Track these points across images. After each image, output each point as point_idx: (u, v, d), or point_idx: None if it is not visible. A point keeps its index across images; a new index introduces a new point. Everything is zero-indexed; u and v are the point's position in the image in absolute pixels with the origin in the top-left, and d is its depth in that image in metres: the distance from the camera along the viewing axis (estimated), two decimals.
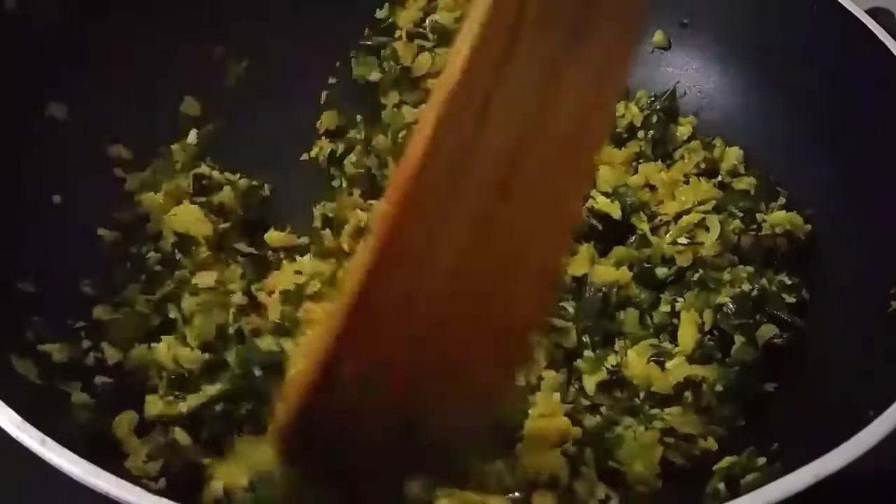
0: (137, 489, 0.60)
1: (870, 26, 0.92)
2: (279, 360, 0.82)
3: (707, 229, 0.96)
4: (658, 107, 1.13)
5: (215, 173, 1.01)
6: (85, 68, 0.94)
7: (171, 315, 0.88)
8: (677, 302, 0.93)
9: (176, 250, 0.94)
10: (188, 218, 0.95)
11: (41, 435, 0.61)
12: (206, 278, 0.92)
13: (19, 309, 0.79)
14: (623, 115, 1.13)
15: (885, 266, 0.85)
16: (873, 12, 0.96)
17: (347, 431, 0.55)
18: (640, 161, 1.09)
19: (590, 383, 0.87)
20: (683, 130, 1.13)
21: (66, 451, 0.61)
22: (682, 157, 1.09)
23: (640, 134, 1.12)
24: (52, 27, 0.91)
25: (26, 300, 0.80)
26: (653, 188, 1.04)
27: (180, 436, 0.76)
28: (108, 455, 0.73)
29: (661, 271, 0.95)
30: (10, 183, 0.84)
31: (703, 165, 1.08)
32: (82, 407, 0.76)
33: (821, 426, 0.76)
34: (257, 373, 0.81)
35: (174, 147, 1.03)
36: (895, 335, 0.80)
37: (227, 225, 0.98)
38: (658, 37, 1.19)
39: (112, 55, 0.97)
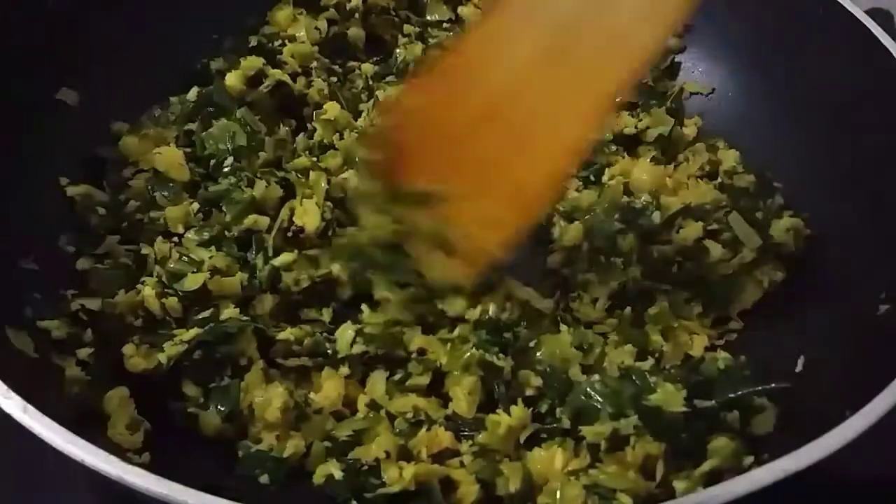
0: (114, 458, 0.62)
1: (869, 27, 0.92)
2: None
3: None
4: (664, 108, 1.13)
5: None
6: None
7: (144, 252, 0.91)
8: None
9: (153, 188, 0.95)
10: (170, 159, 0.96)
11: (24, 403, 0.63)
12: (177, 213, 0.94)
13: (20, 286, 0.81)
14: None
15: (876, 270, 0.85)
16: (873, 13, 0.95)
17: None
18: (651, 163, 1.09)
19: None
20: (688, 132, 1.13)
21: (46, 419, 0.63)
22: (687, 160, 1.10)
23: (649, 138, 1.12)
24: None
25: (27, 277, 0.82)
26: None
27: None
28: (97, 429, 0.74)
29: None
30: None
31: (707, 168, 1.08)
32: (76, 381, 0.78)
33: (806, 428, 0.75)
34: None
35: (173, 99, 1.04)
36: (882, 338, 0.79)
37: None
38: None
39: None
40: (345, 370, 0.86)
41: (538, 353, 0.86)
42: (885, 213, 0.88)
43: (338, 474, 0.77)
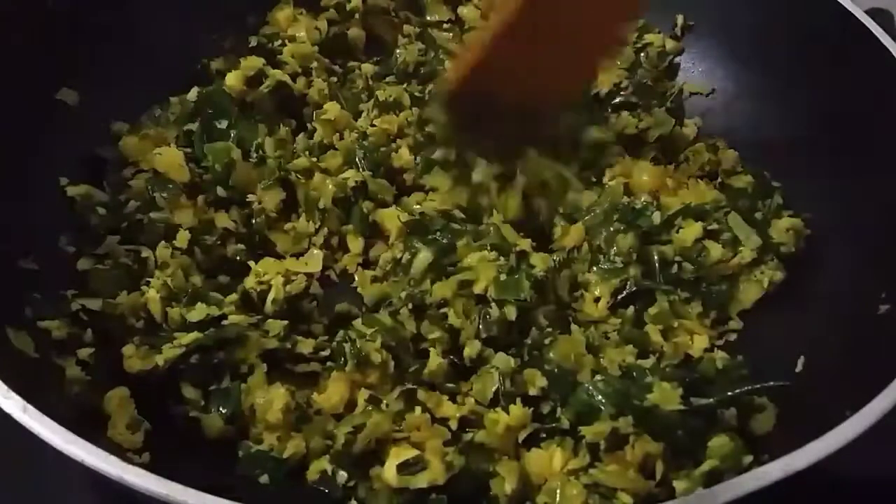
0: (114, 458, 0.62)
1: (869, 27, 0.92)
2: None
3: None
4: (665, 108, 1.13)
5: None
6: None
7: (144, 255, 0.91)
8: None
9: (152, 188, 0.95)
10: (170, 160, 0.97)
11: (24, 403, 0.63)
12: (185, 217, 0.94)
13: (20, 286, 0.81)
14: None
15: (876, 270, 0.85)
16: (873, 13, 0.95)
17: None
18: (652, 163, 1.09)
19: None
20: (688, 132, 1.14)
21: (46, 419, 0.63)
22: (687, 160, 1.10)
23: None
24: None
25: (27, 277, 0.82)
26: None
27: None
28: (97, 429, 0.74)
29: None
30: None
31: (707, 168, 1.08)
32: (76, 381, 0.78)
33: (806, 428, 0.75)
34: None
35: (173, 100, 1.04)
36: (882, 338, 0.79)
37: (208, 176, 0.98)
38: (667, 41, 1.20)
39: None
40: (353, 372, 0.85)
41: (550, 353, 0.86)
42: (885, 213, 0.88)
43: (331, 469, 0.77)
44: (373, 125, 1.09)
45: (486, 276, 0.89)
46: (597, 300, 0.95)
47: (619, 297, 0.95)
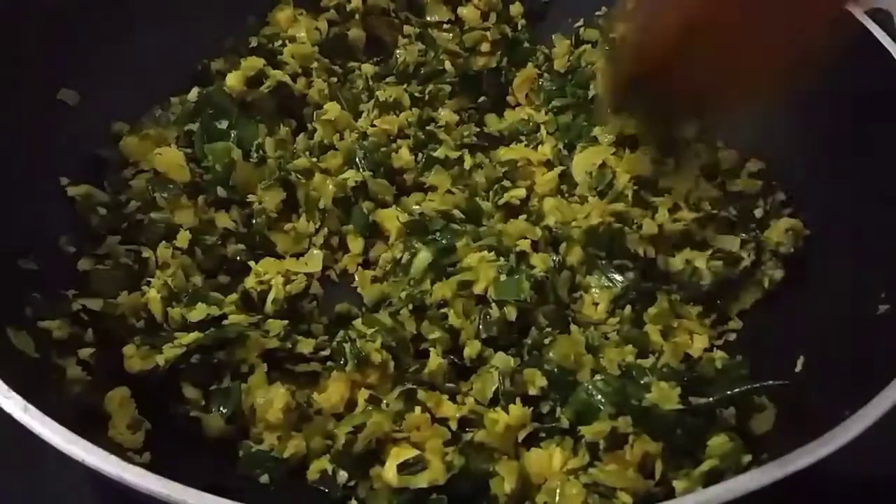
0: (114, 458, 0.62)
1: (869, 27, 0.92)
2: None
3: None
4: None
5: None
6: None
7: (145, 255, 0.91)
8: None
9: (153, 188, 0.95)
10: (170, 160, 0.97)
11: (24, 403, 0.63)
12: (186, 217, 0.95)
13: (20, 286, 0.81)
14: None
15: (876, 270, 0.85)
16: (873, 13, 0.95)
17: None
18: None
19: None
20: (689, 132, 1.13)
21: (47, 419, 0.63)
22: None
23: None
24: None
25: (27, 277, 0.82)
26: None
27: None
28: (98, 429, 0.75)
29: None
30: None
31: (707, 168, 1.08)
32: (77, 381, 0.78)
33: (806, 428, 0.75)
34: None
35: (174, 100, 1.05)
36: (882, 338, 0.79)
37: (208, 176, 0.99)
38: None
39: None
40: (353, 373, 0.85)
41: (550, 353, 0.86)
42: (885, 213, 0.88)
43: (331, 469, 0.77)
44: (373, 125, 1.10)
45: (486, 276, 0.89)
46: (595, 304, 0.95)
47: (618, 303, 0.95)
